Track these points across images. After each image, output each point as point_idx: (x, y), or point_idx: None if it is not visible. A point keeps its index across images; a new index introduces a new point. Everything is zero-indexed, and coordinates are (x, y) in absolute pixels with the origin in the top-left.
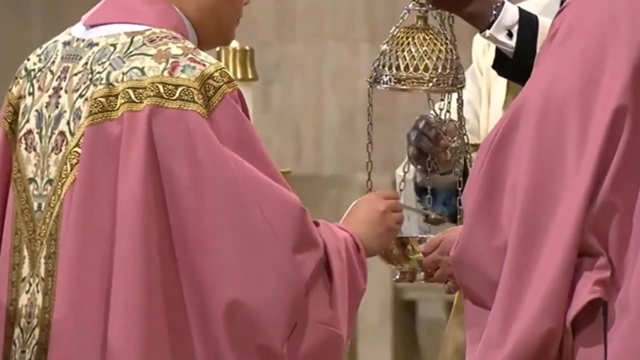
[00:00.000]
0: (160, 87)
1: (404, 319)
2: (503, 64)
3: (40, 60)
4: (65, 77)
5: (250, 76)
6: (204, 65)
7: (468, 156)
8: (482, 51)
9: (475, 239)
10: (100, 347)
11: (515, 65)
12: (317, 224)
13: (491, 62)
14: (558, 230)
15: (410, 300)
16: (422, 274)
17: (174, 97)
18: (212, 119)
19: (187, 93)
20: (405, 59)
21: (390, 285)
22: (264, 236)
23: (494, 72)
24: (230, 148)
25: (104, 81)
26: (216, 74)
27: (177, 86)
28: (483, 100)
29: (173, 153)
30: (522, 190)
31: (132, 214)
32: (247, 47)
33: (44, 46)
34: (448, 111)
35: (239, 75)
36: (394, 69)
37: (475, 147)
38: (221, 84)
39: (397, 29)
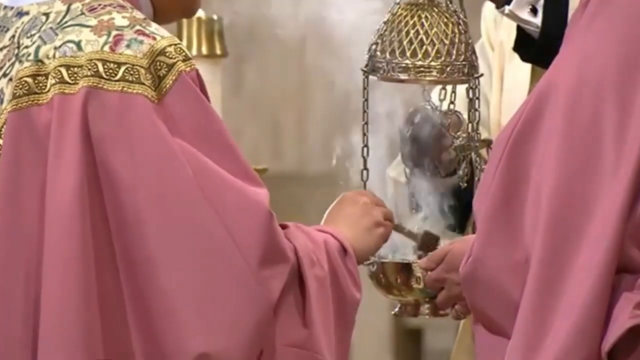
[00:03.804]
0: (100, 65)
1: (407, 351)
2: (526, 46)
3: None
4: None
5: (218, 52)
6: (154, 38)
7: (476, 157)
8: (493, 21)
9: (492, 252)
10: None
11: (541, 48)
12: (285, 226)
13: (505, 35)
14: (592, 241)
15: (415, 328)
16: (427, 306)
17: (116, 78)
18: (164, 104)
19: (132, 72)
20: (412, 43)
21: (389, 310)
22: (224, 250)
23: (508, 48)
24: (186, 138)
25: (31, 57)
26: (169, 48)
27: (120, 64)
28: (494, 82)
29: (112, 146)
30: (548, 192)
31: (65, 219)
32: (215, 16)
33: None
34: (452, 102)
35: (204, 51)
36: (396, 55)
37: (485, 142)
38: (176, 60)
39: (398, 6)
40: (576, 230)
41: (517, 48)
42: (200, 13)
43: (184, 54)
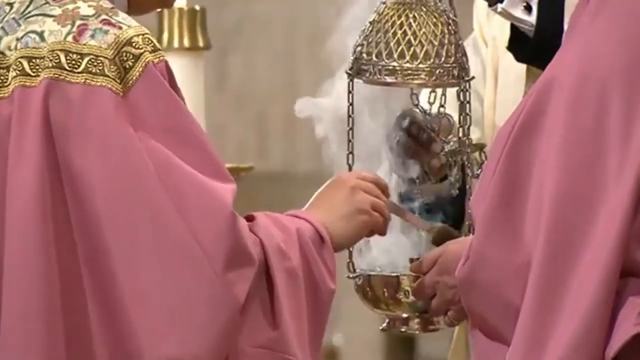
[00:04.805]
0: (62, 56)
1: (399, 359)
2: (521, 45)
3: None
4: None
5: (200, 44)
6: (120, 28)
7: (468, 163)
8: (485, 14)
9: (491, 254)
10: None
11: (536, 48)
12: (252, 218)
13: (497, 29)
14: (596, 244)
15: (407, 335)
16: (417, 320)
17: (79, 70)
18: (129, 97)
19: (95, 64)
20: (399, 44)
21: (380, 317)
22: (188, 250)
23: (502, 44)
24: (151, 133)
25: None
26: (136, 38)
27: (83, 55)
28: (488, 79)
29: (73, 141)
30: (550, 192)
31: (26, 217)
32: (197, 7)
33: None
34: (442, 105)
35: (186, 44)
36: (383, 57)
37: (477, 146)
38: (143, 50)
39: (384, 5)
40: (579, 232)
41: (511, 47)
42: (182, 3)
43: (152, 44)
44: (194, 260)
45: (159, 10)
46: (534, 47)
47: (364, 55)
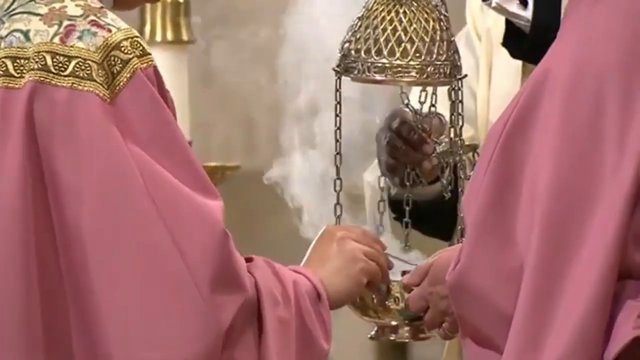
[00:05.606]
0: (48, 58)
1: None
2: (516, 41)
3: None
4: None
5: (184, 38)
6: (109, 31)
7: (460, 164)
8: (479, 7)
9: (482, 258)
10: None
11: (532, 44)
12: (250, 259)
13: (491, 22)
14: (593, 244)
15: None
16: (407, 329)
17: (65, 73)
18: (116, 104)
19: (83, 67)
20: (389, 41)
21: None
22: (173, 271)
23: (496, 36)
24: (138, 142)
25: None
26: (125, 42)
27: (70, 58)
28: (482, 74)
29: (58, 147)
30: (545, 186)
31: (7, 221)
32: None
33: None
34: (433, 105)
35: (169, 37)
36: (372, 54)
37: (470, 147)
38: (131, 56)
39: (373, 0)
40: (575, 229)
41: (506, 43)
42: None
43: (140, 48)
44: (176, 275)
45: None
46: (530, 43)
47: (352, 52)
